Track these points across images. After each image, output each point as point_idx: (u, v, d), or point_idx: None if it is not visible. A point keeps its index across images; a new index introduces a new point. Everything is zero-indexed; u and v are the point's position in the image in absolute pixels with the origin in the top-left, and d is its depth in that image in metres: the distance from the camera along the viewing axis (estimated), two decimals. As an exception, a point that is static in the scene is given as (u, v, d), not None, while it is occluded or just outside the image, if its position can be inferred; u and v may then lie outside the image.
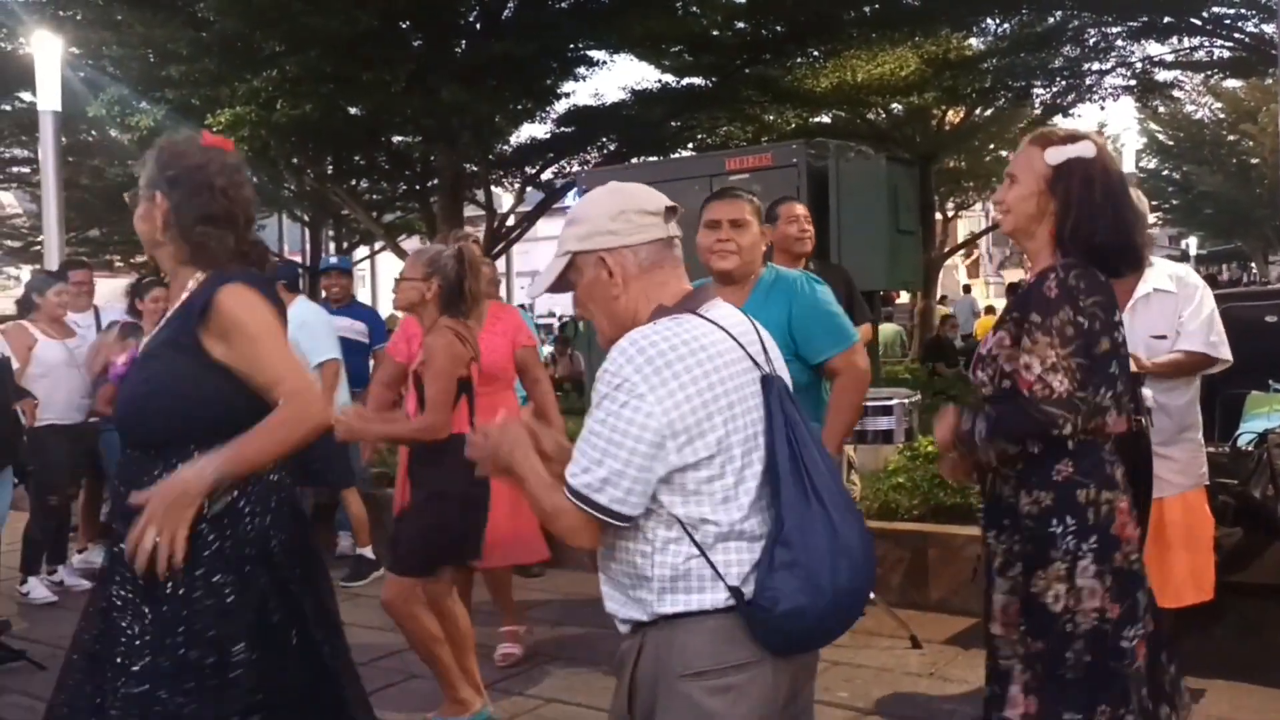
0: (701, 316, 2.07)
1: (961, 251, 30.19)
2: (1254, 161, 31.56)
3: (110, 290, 10.17)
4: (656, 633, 2.04)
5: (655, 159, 15.76)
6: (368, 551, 6.81)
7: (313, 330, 6.57)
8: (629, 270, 2.11)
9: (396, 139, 17.13)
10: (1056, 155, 2.66)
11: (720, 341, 2.04)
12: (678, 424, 1.95)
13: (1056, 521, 2.56)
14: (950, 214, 29.14)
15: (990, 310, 22.94)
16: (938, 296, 22.16)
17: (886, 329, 17.88)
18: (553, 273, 2.18)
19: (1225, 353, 4.02)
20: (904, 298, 23.39)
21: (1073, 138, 2.70)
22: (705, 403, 1.97)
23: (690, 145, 18.63)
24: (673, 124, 17.68)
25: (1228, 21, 15.85)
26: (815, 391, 3.64)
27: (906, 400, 5.03)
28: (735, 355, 2.05)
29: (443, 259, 4.19)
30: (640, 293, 2.11)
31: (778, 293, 3.58)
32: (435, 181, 16.33)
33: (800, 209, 5.51)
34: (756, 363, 2.08)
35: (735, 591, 1.98)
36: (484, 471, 2.15)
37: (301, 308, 6.97)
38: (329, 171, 17.99)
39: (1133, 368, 2.95)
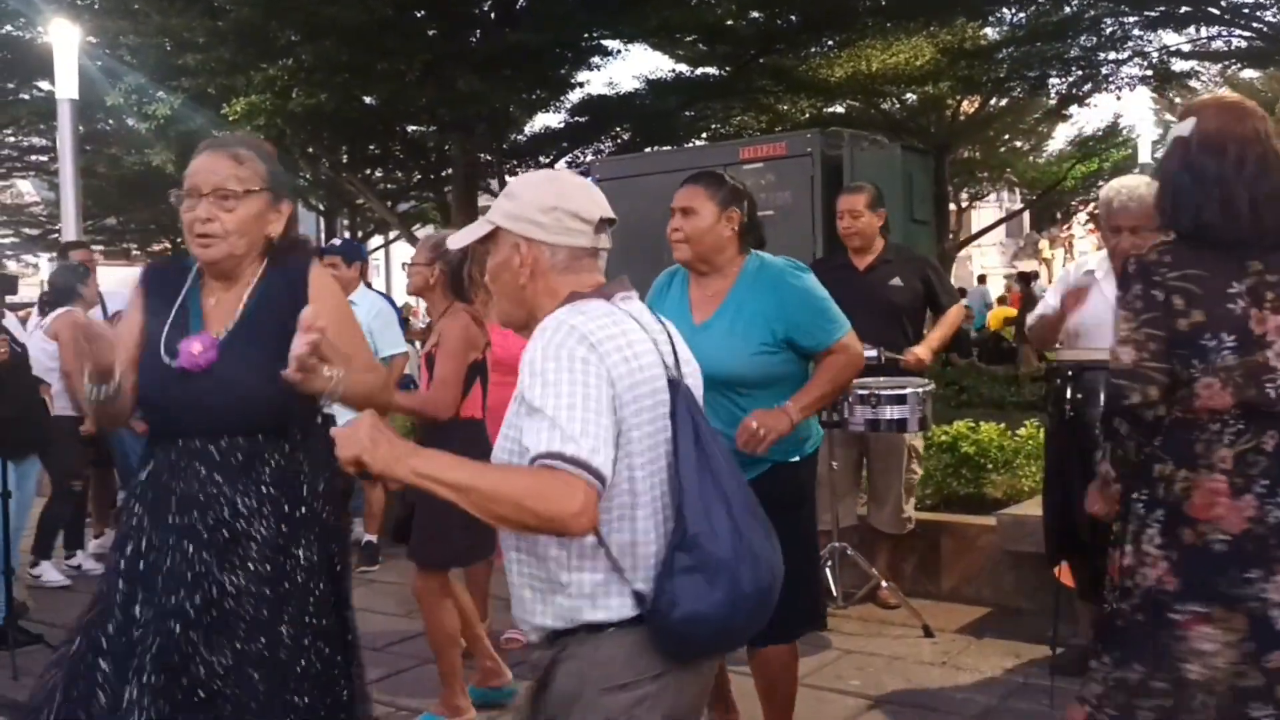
0: (617, 306, 2.05)
1: (978, 241, 30.06)
2: (1272, 153, 31.38)
3: (127, 277, 10.16)
4: (578, 646, 1.99)
5: (669, 149, 15.75)
6: (374, 538, 6.86)
7: (386, 320, 6.56)
8: (540, 265, 2.07)
9: (411, 128, 17.17)
10: (1169, 137, 2.75)
11: (634, 332, 2.01)
12: (614, 394, 1.91)
13: (1133, 490, 2.67)
14: (964, 204, 29.05)
15: (1002, 301, 22.83)
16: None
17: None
18: (474, 234, 2.16)
19: None
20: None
21: (1186, 111, 2.74)
22: (630, 386, 1.94)
23: (704, 135, 18.64)
24: (687, 114, 17.68)
25: (1246, 11, 15.75)
26: (803, 380, 3.51)
27: (920, 389, 5.03)
28: (647, 348, 2.01)
29: (447, 244, 4.27)
30: (545, 289, 2.08)
31: (762, 283, 3.47)
32: (449, 171, 16.38)
33: (848, 201, 5.42)
34: (665, 362, 2.04)
35: (638, 596, 1.95)
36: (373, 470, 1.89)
37: (372, 296, 6.96)
38: (344, 160, 18.04)
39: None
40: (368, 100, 14.91)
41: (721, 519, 1.93)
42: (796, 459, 3.50)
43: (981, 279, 29.97)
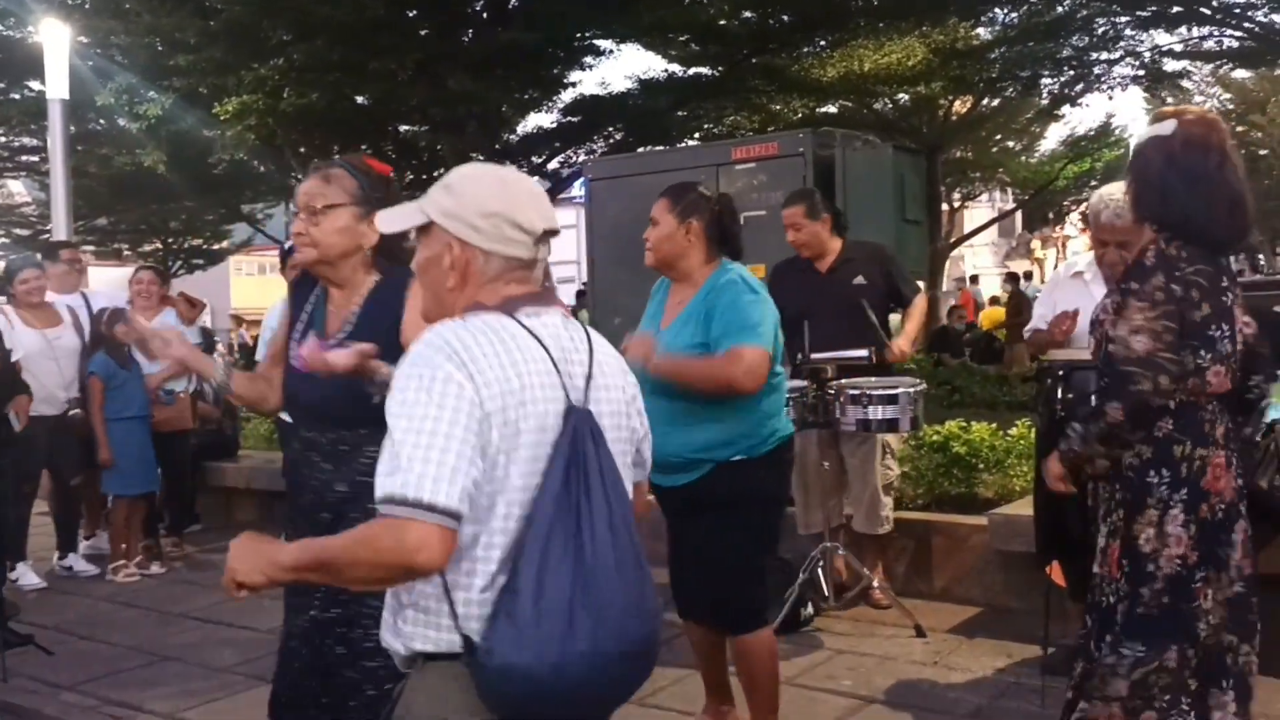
0: (519, 322, 1.89)
1: (970, 241, 30.12)
2: (1263, 153, 31.44)
3: (119, 278, 10.13)
4: (416, 675, 1.86)
5: (661, 149, 15.75)
6: None
7: None
8: (471, 271, 1.94)
9: (403, 128, 17.16)
10: (1140, 137, 2.88)
11: (530, 349, 1.86)
12: (482, 418, 1.76)
13: (1154, 473, 2.77)
14: (957, 204, 29.07)
15: (995, 300, 22.85)
16: (943, 287, 22.13)
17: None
18: (406, 222, 2.04)
19: None
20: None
21: (1160, 116, 2.87)
22: (502, 408, 1.79)
23: (696, 135, 18.62)
24: (679, 113, 17.67)
25: (1237, 11, 15.78)
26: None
27: (911, 389, 5.03)
28: (543, 368, 1.86)
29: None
30: (472, 296, 1.94)
31: (713, 295, 3.63)
32: (442, 171, 16.32)
33: (787, 215, 5.51)
34: (566, 385, 1.87)
35: (466, 639, 1.78)
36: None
37: None
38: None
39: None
40: (359, 100, 14.90)
41: (563, 565, 1.76)
42: (741, 458, 3.60)
43: (974, 279, 30.03)
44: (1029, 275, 26.97)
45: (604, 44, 15.98)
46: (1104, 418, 2.69)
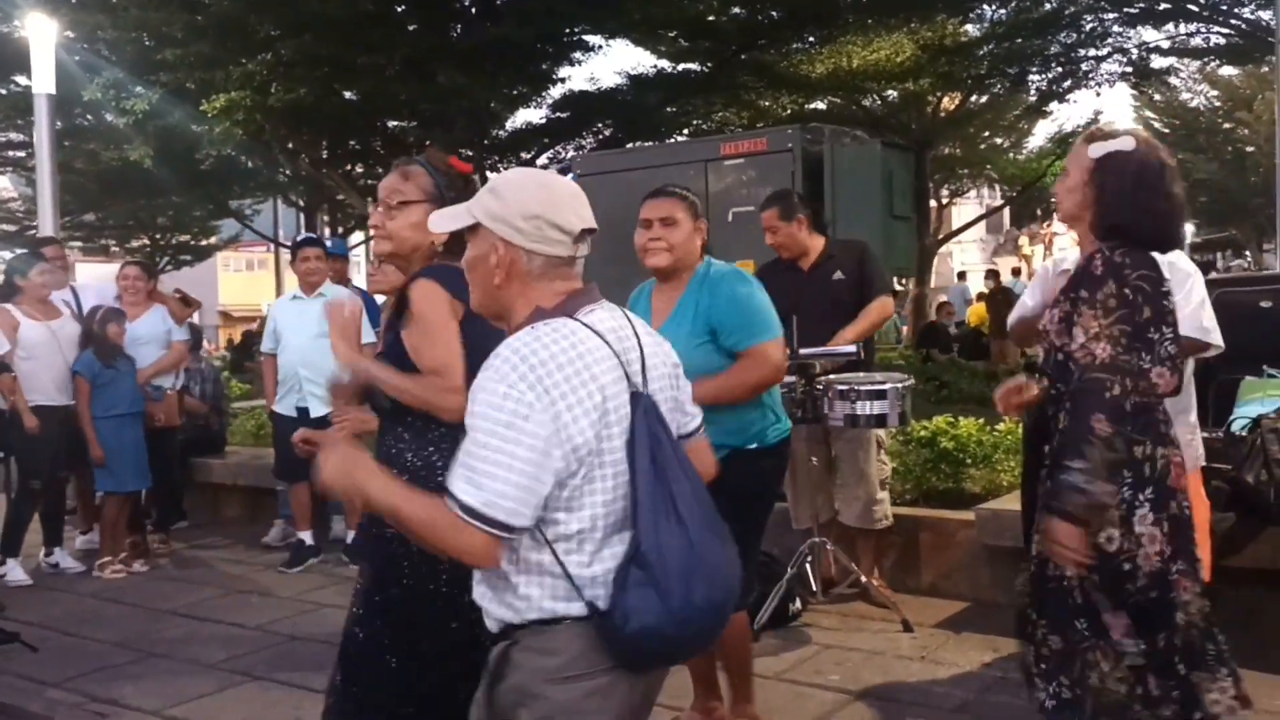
0: (580, 322, 2.06)
1: (958, 238, 30.15)
2: (1249, 149, 31.51)
3: (106, 274, 10.09)
4: (530, 638, 2.03)
5: (650, 144, 15.75)
6: (307, 537, 6.83)
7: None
8: (516, 269, 2.11)
9: (392, 123, 17.14)
10: (1099, 150, 2.95)
11: (598, 349, 2.03)
12: (562, 434, 1.94)
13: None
14: (945, 201, 29.12)
15: (982, 297, 22.91)
16: (931, 283, 22.16)
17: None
18: (455, 223, 2.21)
19: (1216, 338, 4.02)
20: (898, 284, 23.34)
21: (1115, 134, 2.98)
22: (585, 412, 1.97)
23: (686, 130, 18.64)
24: (668, 109, 17.70)
25: (1224, 8, 15.85)
26: None
27: (900, 385, 5.04)
28: (610, 364, 2.03)
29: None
30: (519, 292, 2.12)
31: (708, 284, 3.70)
32: (431, 167, 16.35)
33: (764, 218, 5.53)
34: (628, 373, 2.06)
35: (591, 605, 1.99)
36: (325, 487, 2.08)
37: (337, 289, 6.94)
38: (324, 156, 17.98)
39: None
40: (348, 95, 14.87)
41: (674, 535, 1.98)
42: (755, 446, 3.67)
43: (961, 275, 30.08)
44: (1017, 272, 26.98)
45: (593, 40, 16.00)
46: (1094, 435, 2.67)
